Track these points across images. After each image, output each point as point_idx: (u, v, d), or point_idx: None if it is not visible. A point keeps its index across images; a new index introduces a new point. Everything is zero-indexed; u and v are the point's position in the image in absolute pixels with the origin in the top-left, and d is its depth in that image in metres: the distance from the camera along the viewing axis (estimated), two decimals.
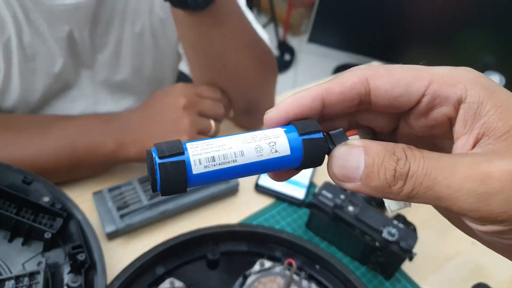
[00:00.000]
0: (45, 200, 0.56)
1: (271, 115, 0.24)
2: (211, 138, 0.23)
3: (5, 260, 0.53)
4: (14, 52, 0.65)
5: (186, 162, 0.21)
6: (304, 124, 0.23)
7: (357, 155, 0.22)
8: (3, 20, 0.62)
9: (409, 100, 0.23)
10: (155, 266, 0.54)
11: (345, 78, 0.24)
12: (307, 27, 0.83)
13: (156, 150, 0.21)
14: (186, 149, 0.22)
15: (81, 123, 0.63)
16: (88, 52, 0.73)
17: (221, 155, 0.22)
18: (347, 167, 0.22)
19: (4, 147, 0.60)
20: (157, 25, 0.77)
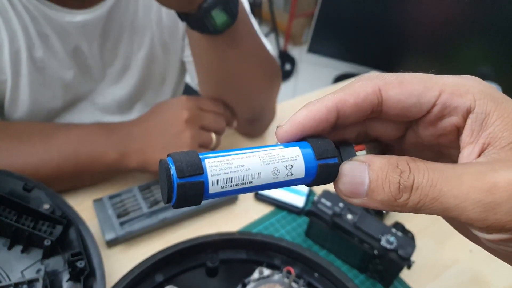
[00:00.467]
0: (45, 207, 0.56)
1: (286, 129, 0.24)
2: (230, 154, 0.22)
3: (4, 268, 0.53)
4: (24, 64, 0.66)
5: (204, 183, 0.21)
6: (322, 146, 0.23)
7: (362, 171, 0.22)
8: (14, 33, 0.63)
9: (420, 109, 0.24)
10: (154, 273, 0.54)
11: (358, 88, 0.24)
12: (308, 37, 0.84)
13: (175, 166, 0.21)
14: (205, 167, 0.21)
15: (84, 133, 0.64)
16: (98, 65, 0.74)
17: (239, 176, 0.22)
18: (352, 183, 0.22)
19: (7, 154, 0.61)
20: (166, 35, 0.78)
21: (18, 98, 0.69)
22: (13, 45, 0.64)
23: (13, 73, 0.66)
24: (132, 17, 0.73)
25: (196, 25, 0.59)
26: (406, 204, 0.21)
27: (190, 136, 0.63)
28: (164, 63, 0.81)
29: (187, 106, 0.64)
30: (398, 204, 0.21)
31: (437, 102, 0.23)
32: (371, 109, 0.24)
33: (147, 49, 0.77)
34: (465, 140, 0.23)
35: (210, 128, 0.66)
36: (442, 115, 0.24)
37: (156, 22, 0.75)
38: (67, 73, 0.71)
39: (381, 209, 0.22)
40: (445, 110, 0.23)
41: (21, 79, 0.67)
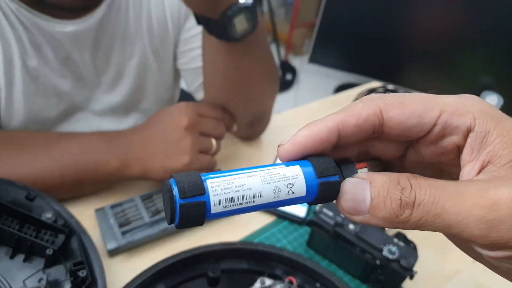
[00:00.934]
0: (48, 216, 0.56)
1: (288, 149, 0.25)
2: (231, 174, 0.23)
3: (6, 277, 0.53)
4: (17, 74, 0.67)
5: (206, 203, 0.22)
6: (322, 165, 0.24)
7: (363, 188, 0.22)
8: (7, 42, 0.64)
9: (421, 130, 0.24)
10: (156, 283, 0.54)
11: (360, 109, 0.24)
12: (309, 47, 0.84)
13: (177, 187, 0.21)
14: (206, 187, 0.22)
15: (85, 141, 0.64)
16: (91, 74, 0.75)
17: (240, 196, 0.22)
18: (354, 200, 0.23)
19: (8, 163, 0.61)
20: (157, 43, 0.78)
21: (13, 107, 0.69)
22: (7, 54, 0.65)
23: (6, 82, 0.66)
24: (123, 26, 0.73)
25: (216, 30, 0.60)
26: (408, 220, 0.21)
27: (191, 143, 0.63)
28: (157, 70, 0.81)
29: (187, 112, 0.65)
30: (400, 220, 0.22)
31: (437, 122, 0.24)
32: (372, 130, 0.24)
33: (139, 57, 0.77)
34: (466, 158, 0.23)
35: (210, 134, 0.67)
36: (443, 135, 0.24)
37: (146, 30, 0.76)
38: (60, 82, 0.72)
39: (383, 226, 0.22)
40: (446, 129, 0.24)
41: (15, 88, 0.68)
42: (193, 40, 0.79)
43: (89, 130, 0.78)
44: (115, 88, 0.79)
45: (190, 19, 0.79)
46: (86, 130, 0.78)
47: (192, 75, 0.83)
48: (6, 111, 0.69)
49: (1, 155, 0.61)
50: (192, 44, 0.80)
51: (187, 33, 0.80)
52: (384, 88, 0.99)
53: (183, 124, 0.63)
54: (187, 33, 0.80)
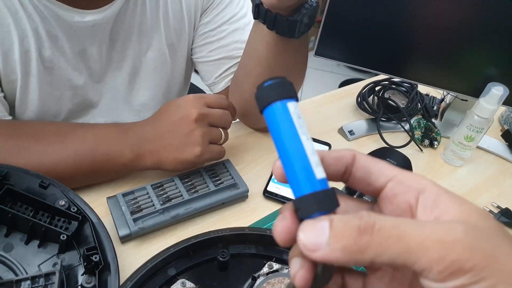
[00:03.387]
0: (61, 203, 0.57)
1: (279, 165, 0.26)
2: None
3: (21, 262, 0.55)
4: (33, 64, 0.68)
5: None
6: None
7: (323, 223, 0.23)
8: (24, 33, 0.65)
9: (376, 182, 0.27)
10: (167, 267, 0.56)
11: (339, 150, 0.28)
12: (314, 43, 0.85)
13: None
14: None
15: (100, 133, 0.66)
16: (106, 67, 0.76)
17: None
18: (313, 234, 0.23)
19: (24, 153, 0.62)
20: (173, 36, 0.80)
21: (28, 97, 0.71)
22: (23, 45, 0.66)
23: (22, 72, 0.68)
24: (140, 19, 0.75)
25: (282, 27, 0.62)
26: (367, 247, 0.21)
27: (201, 134, 0.65)
28: (171, 64, 0.83)
29: (195, 105, 0.66)
30: (359, 248, 0.21)
31: (390, 180, 0.26)
32: (345, 166, 0.27)
33: (155, 50, 0.79)
34: (420, 216, 0.25)
35: (218, 124, 0.69)
36: (396, 193, 0.26)
37: (163, 23, 0.77)
38: (75, 75, 0.73)
39: (342, 261, 0.22)
40: (398, 187, 0.26)
41: (30, 78, 0.69)
42: (211, 34, 0.81)
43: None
44: (130, 83, 0.80)
45: (206, 14, 0.80)
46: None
47: (209, 68, 0.84)
48: (21, 100, 0.70)
49: (17, 144, 0.63)
50: (209, 38, 0.81)
51: (205, 28, 0.81)
52: (390, 82, 1.00)
53: (193, 116, 0.65)
54: (204, 28, 0.81)
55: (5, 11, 0.63)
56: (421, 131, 0.93)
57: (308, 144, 0.25)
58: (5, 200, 0.56)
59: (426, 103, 0.98)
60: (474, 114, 0.80)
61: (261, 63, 0.70)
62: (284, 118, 0.25)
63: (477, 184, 0.84)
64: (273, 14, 0.61)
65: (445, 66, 0.87)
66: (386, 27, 0.84)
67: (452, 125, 0.96)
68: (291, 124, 0.25)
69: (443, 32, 0.82)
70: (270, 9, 0.61)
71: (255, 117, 0.83)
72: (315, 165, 0.25)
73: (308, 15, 0.62)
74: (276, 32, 0.63)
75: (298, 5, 0.61)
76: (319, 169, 0.25)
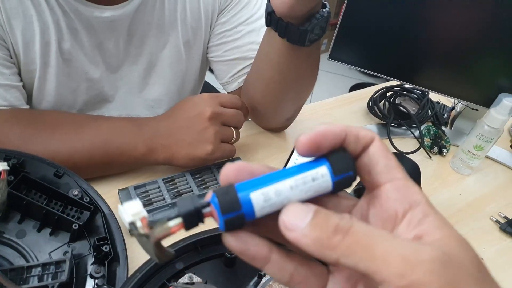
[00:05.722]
0: (74, 193, 0.59)
1: (307, 138, 0.26)
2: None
3: (33, 249, 0.56)
4: (53, 56, 0.69)
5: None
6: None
7: (309, 210, 0.23)
8: (45, 25, 0.66)
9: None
10: (175, 261, 0.56)
11: (362, 130, 0.27)
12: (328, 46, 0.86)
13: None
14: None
15: (115, 126, 0.67)
16: (123, 62, 0.77)
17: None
18: (297, 214, 0.23)
19: (40, 142, 0.63)
20: (190, 35, 0.80)
21: (45, 87, 0.72)
22: (44, 37, 0.67)
23: (42, 63, 0.69)
24: (159, 15, 0.76)
25: (293, 35, 0.62)
26: (337, 245, 0.22)
27: (214, 133, 0.66)
28: (186, 61, 0.84)
29: (209, 103, 0.67)
30: (329, 244, 0.22)
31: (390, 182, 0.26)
32: (363, 147, 0.27)
33: (172, 47, 0.80)
34: (401, 230, 0.25)
35: (231, 124, 0.70)
36: (388, 197, 0.26)
37: (180, 21, 0.78)
38: (92, 68, 0.74)
39: (310, 249, 0.23)
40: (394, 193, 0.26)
41: (49, 69, 0.70)
42: (227, 34, 0.82)
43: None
44: (146, 78, 0.81)
45: (224, 14, 0.81)
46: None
47: (224, 67, 0.85)
48: (38, 90, 0.72)
49: (34, 133, 0.64)
50: (225, 38, 0.82)
51: (221, 28, 0.82)
52: (401, 88, 1.00)
53: (207, 114, 0.66)
54: (220, 28, 0.82)
55: (28, 3, 0.64)
56: (431, 138, 0.93)
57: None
58: (20, 187, 0.58)
59: (437, 111, 0.98)
60: (484, 123, 0.80)
61: (273, 67, 0.70)
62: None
63: (484, 194, 0.84)
64: (284, 23, 0.61)
65: (457, 75, 0.87)
66: (400, 33, 0.84)
67: (462, 133, 0.96)
68: None
69: (457, 41, 0.82)
70: (281, 17, 0.61)
71: (265, 118, 0.84)
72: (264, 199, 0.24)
73: (319, 25, 0.62)
74: (287, 40, 0.63)
75: (309, 15, 0.61)
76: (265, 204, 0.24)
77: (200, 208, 0.24)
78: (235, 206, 0.24)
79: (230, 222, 0.24)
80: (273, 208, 0.24)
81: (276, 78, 0.71)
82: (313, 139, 0.25)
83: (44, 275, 0.51)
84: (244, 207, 0.24)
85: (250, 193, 0.24)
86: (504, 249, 0.73)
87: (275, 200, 0.24)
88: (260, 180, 0.25)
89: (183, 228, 0.25)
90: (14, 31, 0.65)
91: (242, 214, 0.24)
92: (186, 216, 0.25)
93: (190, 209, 0.25)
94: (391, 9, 0.81)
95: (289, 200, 0.24)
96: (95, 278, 0.54)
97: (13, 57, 0.68)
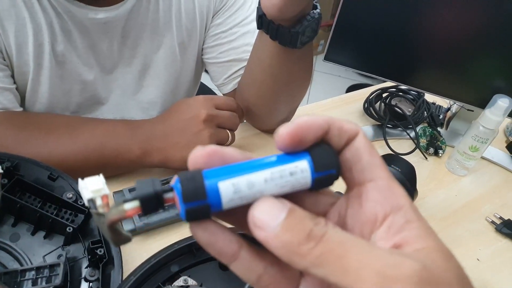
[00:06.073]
0: (69, 196, 0.58)
1: (287, 131, 0.24)
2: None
3: (27, 252, 0.56)
4: (46, 58, 0.69)
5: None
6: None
7: (282, 207, 0.22)
8: (38, 26, 0.66)
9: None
10: (170, 264, 0.56)
11: (346, 123, 0.25)
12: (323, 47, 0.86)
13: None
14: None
15: (110, 128, 0.67)
16: (117, 64, 0.77)
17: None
18: (270, 211, 0.21)
19: (34, 144, 0.63)
20: (184, 36, 0.80)
21: (38, 90, 0.72)
22: (37, 39, 0.67)
23: (35, 65, 0.69)
24: (153, 17, 0.75)
25: (284, 37, 0.62)
26: (307, 254, 0.20)
27: (209, 135, 0.66)
28: (180, 63, 0.83)
29: (204, 105, 0.67)
30: (299, 251, 0.20)
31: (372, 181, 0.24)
32: (346, 140, 0.24)
33: (166, 49, 0.80)
34: (380, 235, 0.23)
35: (226, 126, 0.70)
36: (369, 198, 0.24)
37: (175, 22, 0.78)
38: (85, 70, 0.74)
39: (279, 253, 0.21)
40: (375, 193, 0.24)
41: (42, 71, 0.70)
42: (222, 35, 0.82)
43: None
44: (140, 80, 0.81)
45: (219, 16, 0.81)
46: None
47: (219, 69, 0.85)
48: (32, 92, 0.71)
49: (28, 136, 0.64)
50: (220, 40, 0.82)
51: (216, 29, 0.82)
52: (397, 89, 1.00)
53: (202, 117, 0.66)
54: (216, 29, 0.82)
55: (21, 4, 0.64)
56: (426, 139, 0.93)
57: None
58: (14, 190, 0.57)
59: (432, 112, 0.99)
60: (479, 124, 0.80)
61: (265, 70, 0.70)
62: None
63: (480, 194, 0.84)
64: (275, 25, 0.61)
65: (453, 76, 0.87)
66: (396, 35, 0.84)
67: (457, 134, 0.96)
68: None
69: (453, 42, 0.82)
70: (272, 20, 0.61)
71: (260, 119, 0.84)
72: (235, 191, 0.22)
73: (310, 27, 0.62)
74: (279, 42, 0.63)
75: (300, 17, 0.61)
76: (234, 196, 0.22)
77: (160, 193, 0.23)
78: (199, 195, 0.22)
79: (193, 212, 0.22)
80: (243, 201, 0.22)
81: (268, 81, 0.71)
82: (295, 131, 0.23)
83: (38, 278, 0.51)
84: (210, 197, 0.22)
85: (218, 182, 0.22)
86: (499, 250, 0.73)
87: (246, 192, 0.22)
88: (232, 169, 0.23)
89: (141, 212, 0.23)
90: (7, 33, 0.65)
91: (207, 205, 0.22)
92: (144, 200, 0.23)
93: (149, 192, 0.22)
94: (386, 11, 0.81)
95: (261, 194, 0.22)
96: (90, 282, 0.53)
97: (6, 59, 0.68)
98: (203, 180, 0.22)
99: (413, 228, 0.22)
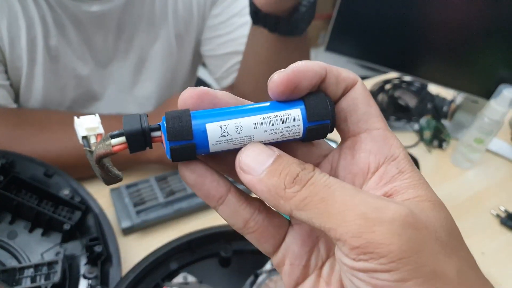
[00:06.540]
0: (65, 193, 0.58)
1: (282, 76, 0.23)
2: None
3: (25, 249, 0.55)
4: (39, 52, 0.68)
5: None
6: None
7: (270, 153, 0.21)
8: (31, 20, 0.65)
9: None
10: (169, 261, 0.56)
11: (344, 72, 0.24)
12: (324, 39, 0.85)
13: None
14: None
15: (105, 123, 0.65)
16: (112, 58, 0.76)
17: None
18: (256, 157, 0.21)
19: (29, 141, 0.62)
20: (181, 27, 0.79)
21: (32, 85, 0.71)
22: (30, 33, 0.66)
23: (28, 60, 0.68)
24: (149, 9, 0.74)
25: (283, 27, 0.62)
26: (292, 197, 0.20)
27: None
28: (177, 55, 0.82)
29: None
30: (284, 194, 0.20)
31: (367, 131, 0.23)
32: (343, 90, 0.24)
33: (163, 41, 0.78)
34: (371, 185, 0.22)
35: None
36: (362, 148, 0.23)
37: (172, 13, 0.76)
38: (80, 65, 0.73)
39: (264, 196, 0.21)
40: (369, 143, 0.23)
41: (36, 66, 0.69)
42: (221, 27, 0.80)
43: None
44: (136, 74, 0.80)
45: (217, 6, 0.80)
46: None
47: (217, 62, 0.83)
48: (26, 88, 0.70)
49: (22, 133, 0.63)
50: (219, 31, 0.81)
51: (214, 20, 0.80)
52: (400, 80, 0.99)
53: None
54: (214, 20, 0.80)
55: None
56: (430, 132, 0.92)
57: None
58: (10, 187, 0.56)
59: (436, 104, 0.97)
60: (484, 116, 0.79)
61: (262, 63, 0.70)
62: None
63: (485, 187, 0.83)
64: (273, 18, 0.61)
65: (457, 66, 0.86)
66: (399, 23, 0.83)
67: (462, 126, 0.95)
68: None
69: (457, 31, 0.81)
70: (268, 14, 0.61)
71: None
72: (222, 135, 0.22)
73: (308, 12, 0.62)
74: (278, 33, 0.63)
75: (295, 4, 0.61)
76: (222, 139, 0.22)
77: (147, 130, 0.22)
78: (185, 135, 0.21)
79: (178, 151, 0.21)
80: (231, 145, 0.22)
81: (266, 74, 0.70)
82: (290, 77, 0.22)
83: (36, 276, 0.51)
84: (197, 138, 0.21)
85: (206, 123, 0.21)
86: (504, 243, 0.72)
87: (234, 136, 0.22)
88: (221, 111, 0.22)
89: (127, 148, 0.22)
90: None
91: (193, 145, 0.21)
92: (131, 136, 0.22)
93: (137, 129, 0.22)
94: None
95: (250, 140, 0.22)
96: (88, 279, 0.53)
97: None
98: (190, 119, 0.21)
99: (406, 178, 0.22)
